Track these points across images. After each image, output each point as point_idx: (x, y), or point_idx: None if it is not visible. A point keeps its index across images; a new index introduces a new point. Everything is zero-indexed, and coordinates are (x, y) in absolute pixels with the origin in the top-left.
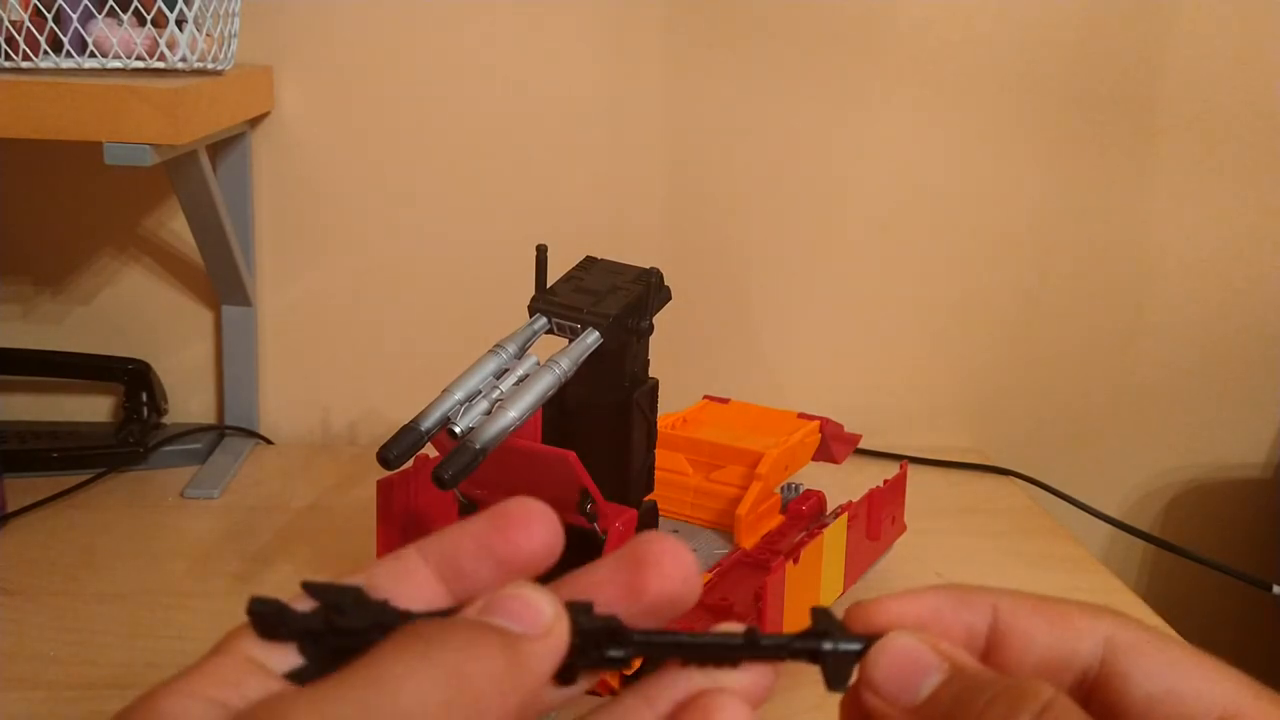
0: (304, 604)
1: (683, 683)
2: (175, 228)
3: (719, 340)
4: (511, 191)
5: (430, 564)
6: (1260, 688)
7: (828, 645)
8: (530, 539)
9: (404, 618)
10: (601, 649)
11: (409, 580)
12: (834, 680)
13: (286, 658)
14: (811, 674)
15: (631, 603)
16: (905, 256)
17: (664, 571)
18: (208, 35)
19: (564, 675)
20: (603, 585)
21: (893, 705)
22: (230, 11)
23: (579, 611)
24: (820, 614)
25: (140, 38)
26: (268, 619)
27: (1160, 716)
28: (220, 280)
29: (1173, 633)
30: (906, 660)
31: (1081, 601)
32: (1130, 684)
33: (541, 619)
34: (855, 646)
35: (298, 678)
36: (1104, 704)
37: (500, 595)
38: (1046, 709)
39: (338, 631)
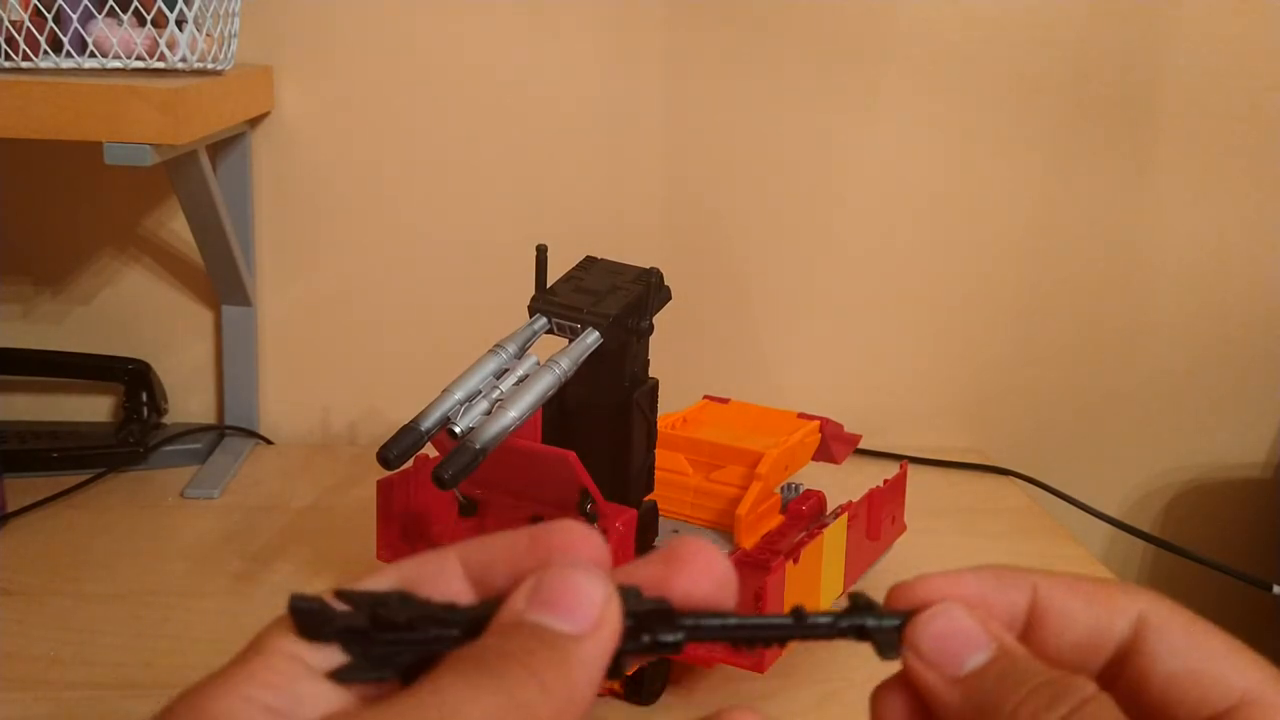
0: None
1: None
2: (175, 228)
3: (719, 340)
4: (511, 192)
5: None
6: None
7: (872, 622)
8: (699, 581)
9: (448, 612)
10: (654, 633)
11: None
12: (885, 649)
13: (327, 656)
14: (812, 675)
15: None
16: (905, 257)
17: (697, 571)
18: (208, 35)
19: (613, 666)
20: (637, 582)
21: (938, 672)
22: (230, 11)
23: (629, 594)
24: (860, 596)
25: (140, 38)
26: (310, 617)
27: (1179, 695)
28: (220, 280)
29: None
30: (957, 632)
31: (1118, 581)
32: (1155, 661)
33: (593, 608)
34: (898, 621)
35: (342, 676)
36: (1130, 680)
37: (548, 582)
38: (1085, 703)
39: (382, 627)
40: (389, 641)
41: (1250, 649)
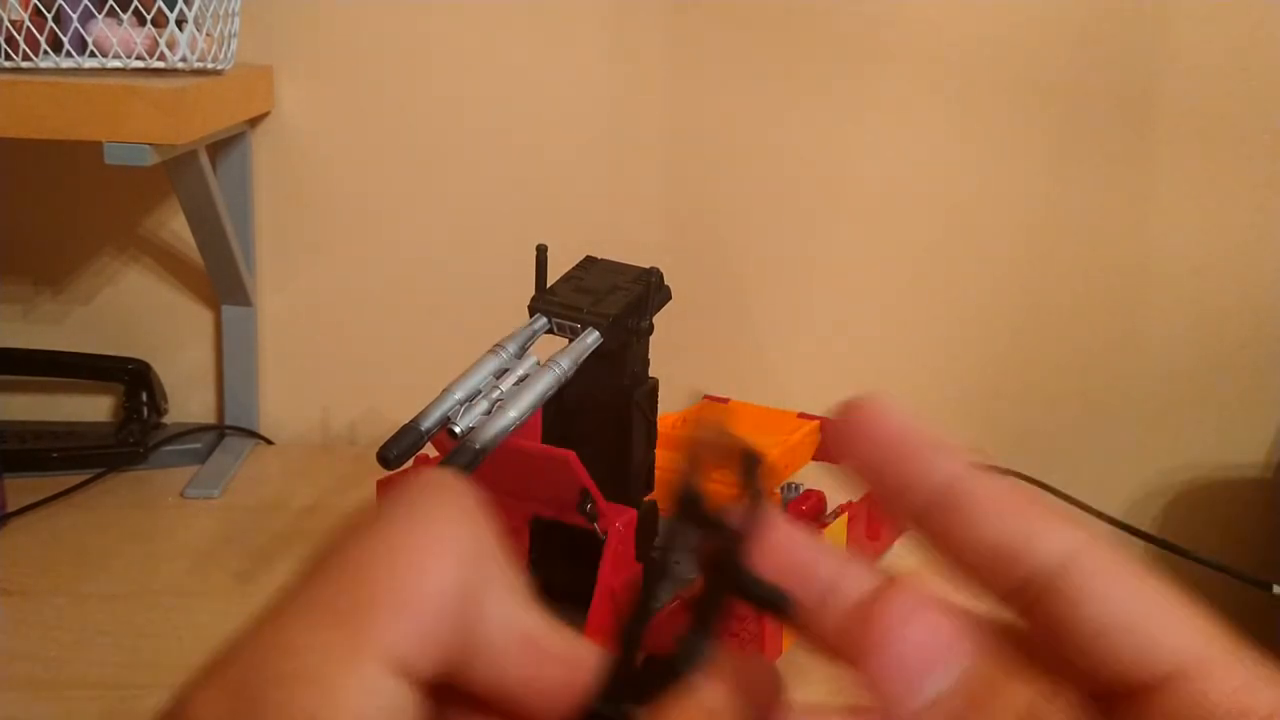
0: None
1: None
2: (175, 228)
3: (719, 340)
4: (512, 191)
5: None
6: (1231, 641)
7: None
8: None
9: None
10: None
11: None
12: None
13: None
14: (811, 675)
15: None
16: (906, 257)
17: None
18: (207, 35)
19: None
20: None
21: (894, 706)
22: (230, 11)
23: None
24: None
25: (140, 37)
26: None
27: (1106, 651)
28: (220, 280)
29: None
30: (919, 656)
31: (1059, 506)
32: (1080, 610)
33: None
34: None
35: None
36: (1051, 619)
37: None
38: None
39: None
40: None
41: (1192, 605)
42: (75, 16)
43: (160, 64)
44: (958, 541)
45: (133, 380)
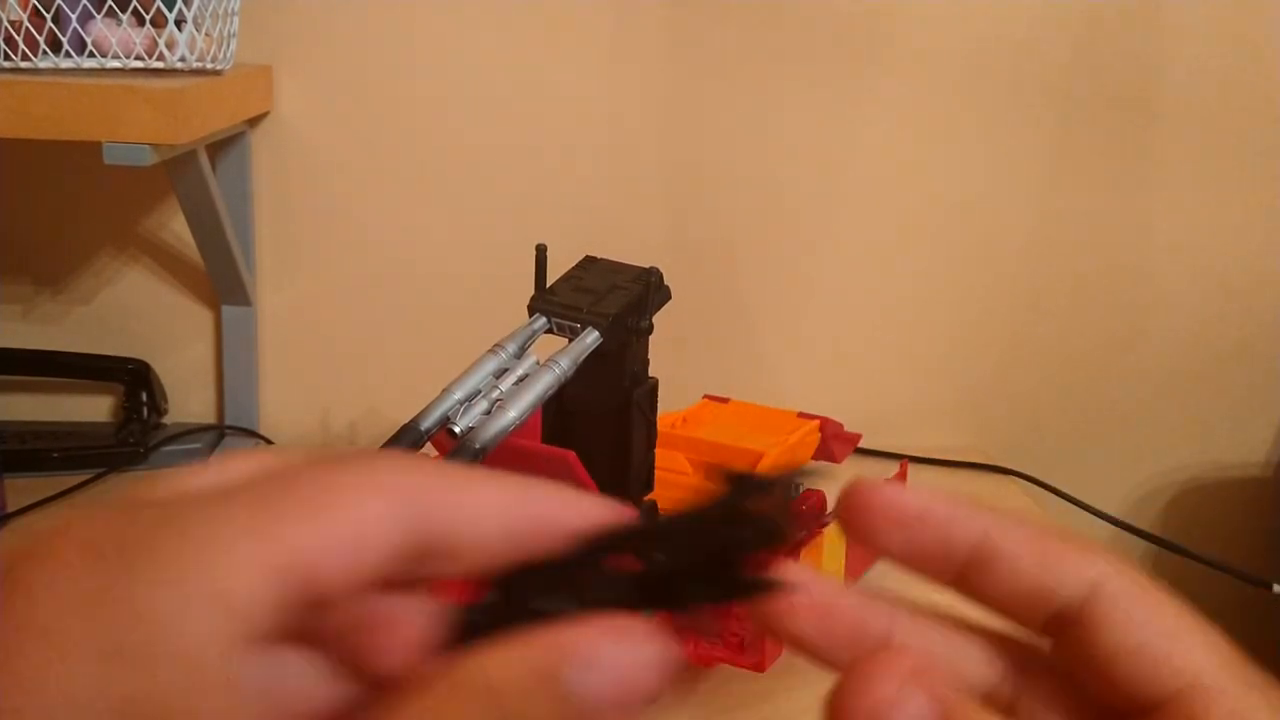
0: None
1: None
2: (175, 228)
3: (719, 340)
4: (512, 191)
5: None
6: (1239, 663)
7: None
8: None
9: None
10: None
11: None
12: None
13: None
14: (809, 676)
15: None
16: (906, 256)
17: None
18: (207, 35)
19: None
20: None
21: None
22: (230, 11)
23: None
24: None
25: (139, 37)
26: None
27: (1124, 671)
28: (220, 280)
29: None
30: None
31: (1082, 539)
32: (1102, 632)
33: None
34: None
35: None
36: (1077, 646)
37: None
38: None
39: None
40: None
41: (1207, 627)
42: (74, 17)
43: (159, 64)
44: (995, 592)
45: (133, 380)
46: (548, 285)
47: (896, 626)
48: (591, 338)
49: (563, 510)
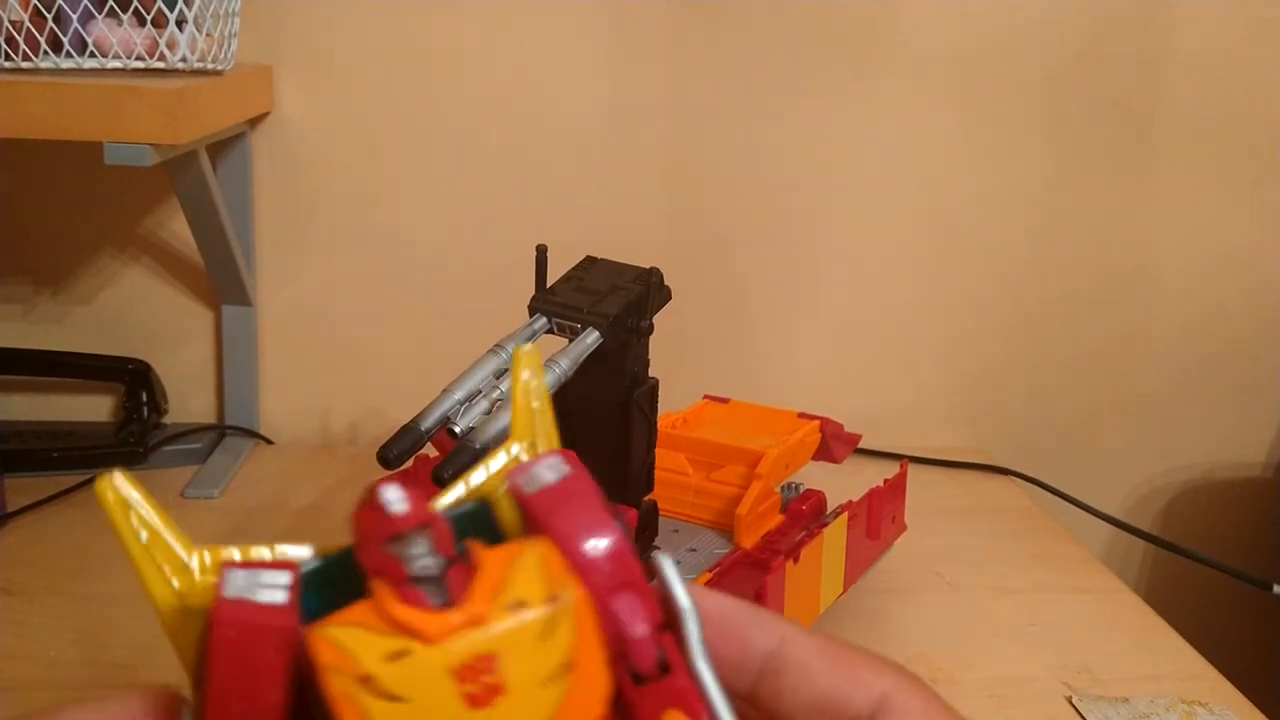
0: None
1: None
2: (175, 228)
3: (719, 340)
4: (512, 191)
5: None
6: None
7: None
8: None
9: None
10: None
11: None
12: None
13: None
14: None
15: None
16: (906, 257)
17: None
18: (207, 35)
19: None
20: None
21: None
22: (230, 11)
23: None
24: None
25: (140, 38)
26: None
27: None
28: (220, 280)
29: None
30: None
31: (871, 653)
32: None
33: None
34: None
35: None
36: None
37: None
38: None
39: None
40: None
41: None
42: (75, 17)
43: (160, 64)
44: (788, 704)
45: (133, 380)
46: (548, 285)
47: None
48: (592, 338)
49: None
